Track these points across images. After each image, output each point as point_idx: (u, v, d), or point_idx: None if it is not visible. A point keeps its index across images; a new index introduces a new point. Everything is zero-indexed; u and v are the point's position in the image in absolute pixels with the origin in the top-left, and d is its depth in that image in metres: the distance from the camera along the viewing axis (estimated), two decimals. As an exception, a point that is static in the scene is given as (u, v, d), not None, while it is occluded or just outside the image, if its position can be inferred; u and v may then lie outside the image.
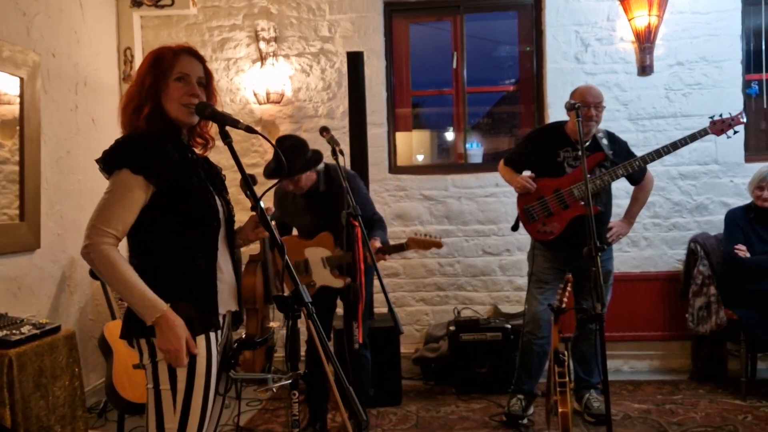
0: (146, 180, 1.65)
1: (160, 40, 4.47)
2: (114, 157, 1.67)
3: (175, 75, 1.72)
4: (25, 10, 3.38)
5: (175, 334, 1.60)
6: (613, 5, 4.33)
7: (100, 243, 1.61)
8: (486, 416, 3.56)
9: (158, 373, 1.66)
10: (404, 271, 4.52)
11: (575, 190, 3.26)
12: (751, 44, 4.39)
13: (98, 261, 1.61)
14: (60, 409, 2.80)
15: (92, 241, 1.61)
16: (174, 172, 1.68)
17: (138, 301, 1.61)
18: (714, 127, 3.27)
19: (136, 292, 1.61)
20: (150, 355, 1.67)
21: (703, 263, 3.96)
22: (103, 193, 1.66)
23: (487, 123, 4.91)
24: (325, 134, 2.82)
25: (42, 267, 3.47)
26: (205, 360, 1.68)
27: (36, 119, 3.37)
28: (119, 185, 1.65)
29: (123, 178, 1.65)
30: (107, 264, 1.61)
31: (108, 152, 1.69)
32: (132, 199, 1.65)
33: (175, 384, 1.65)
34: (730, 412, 3.47)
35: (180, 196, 1.69)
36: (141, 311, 1.61)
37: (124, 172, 1.65)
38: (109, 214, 1.63)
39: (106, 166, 1.69)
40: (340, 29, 4.49)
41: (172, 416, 1.66)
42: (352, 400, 1.55)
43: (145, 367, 1.69)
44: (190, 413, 1.66)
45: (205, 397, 1.69)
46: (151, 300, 1.61)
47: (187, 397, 1.66)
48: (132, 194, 1.64)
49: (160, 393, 1.66)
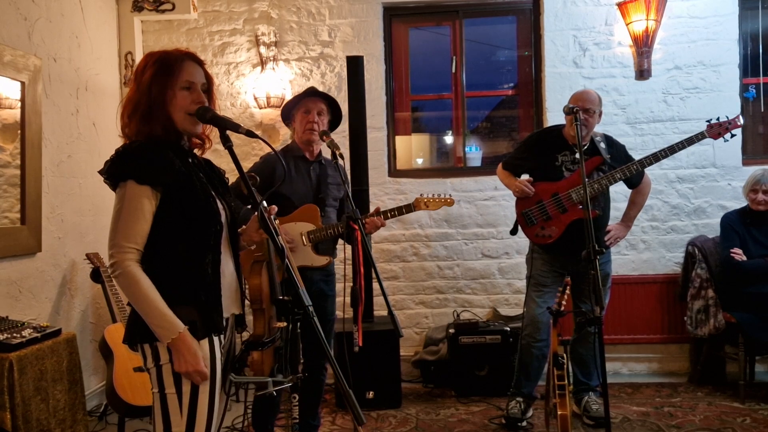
0: (152, 189, 1.67)
1: (161, 44, 4.49)
2: (117, 168, 1.68)
3: (181, 84, 1.74)
4: (27, 14, 3.39)
5: (192, 354, 1.64)
6: (611, 10, 4.35)
7: (125, 260, 1.64)
8: (485, 419, 3.57)
9: (163, 377, 1.67)
10: (404, 274, 4.53)
11: (573, 193, 3.27)
12: (749, 48, 4.41)
13: (123, 279, 1.64)
14: (60, 413, 2.81)
15: (117, 259, 1.65)
16: (176, 178, 1.69)
17: (157, 320, 1.63)
18: (711, 131, 3.29)
19: (156, 312, 1.63)
20: (153, 359, 1.68)
21: (701, 266, 3.97)
22: (114, 207, 1.68)
23: (486, 127, 4.92)
24: (325, 138, 2.84)
25: (43, 270, 3.48)
26: (209, 363, 1.69)
27: (37, 123, 3.38)
28: (129, 198, 1.66)
29: (131, 190, 1.66)
30: (131, 282, 1.64)
31: (110, 164, 1.69)
32: (144, 210, 1.67)
33: (180, 387, 1.67)
34: (729, 414, 3.48)
35: (182, 201, 1.70)
36: (158, 330, 1.64)
37: (130, 184, 1.66)
38: (127, 229, 1.65)
39: (110, 178, 1.70)
40: (340, 34, 4.51)
41: (179, 419, 1.67)
42: (351, 403, 1.56)
43: (149, 372, 1.70)
44: (197, 416, 1.68)
45: (210, 400, 1.70)
46: (170, 321, 1.64)
47: (193, 401, 1.67)
48: (142, 205, 1.66)
49: (166, 397, 1.67)
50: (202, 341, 1.69)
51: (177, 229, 1.69)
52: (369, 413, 3.66)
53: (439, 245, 4.51)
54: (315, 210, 2.91)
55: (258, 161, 3.03)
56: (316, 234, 2.87)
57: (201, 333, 1.69)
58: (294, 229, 2.86)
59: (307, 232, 2.88)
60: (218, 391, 1.73)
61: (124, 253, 1.64)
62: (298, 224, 2.86)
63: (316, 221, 2.90)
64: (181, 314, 1.66)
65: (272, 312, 2.02)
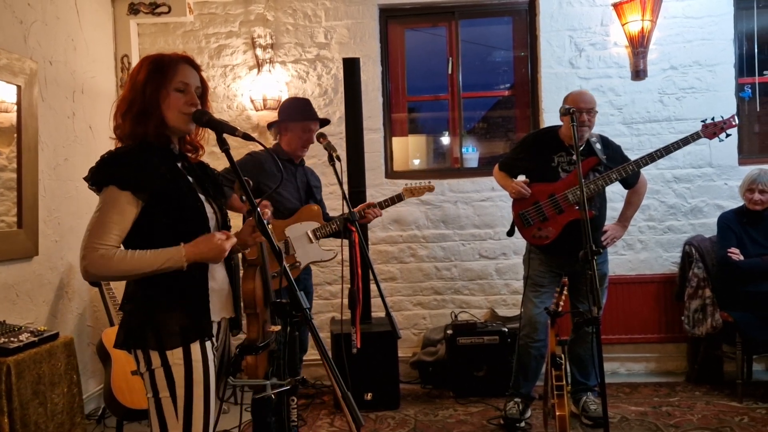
0: (134, 195, 1.65)
1: (157, 47, 4.49)
2: (100, 174, 1.68)
3: (175, 85, 1.73)
4: (22, 18, 3.39)
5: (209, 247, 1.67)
6: (607, 10, 4.36)
7: (92, 253, 1.62)
8: (484, 420, 3.57)
9: (156, 381, 1.67)
10: (401, 275, 4.53)
11: (570, 194, 3.28)
12: (744, 48, 4.43)
13: (98, 268, 1.62)
14: (58, 416, 2.80)
15: (88, 260, 1.62)
16: (161, 184, 1.68)
17: (159, 266, 1.63)
18: (706, 131, 3.30)
19: (152, 262, 1.63)
20: (146, 365, 1.67)
21: (698, 266, 3.98)
22: (93, 213, 1.67)
23: (483, 127, 4.93)
24: (322, 140, 2.85)
25: (40, 274, 3.48)
26: (201, 366, 1.69)
27: (33, 127, 3.38)
28: (107, 202, 1.65)
29: (110, 194, 1.65)
30: (106, 264, 1.62)
31: (94, 170, 1.69)
32: (122, 211, 1.65)
33: (174, 391, 1.66)
34: (727, 414, 3.49)
35: (169, 206, 1.69)
36: (169, 267, 1.64)
37: (111, 189, 1.65)
38: (101, 230, 1.63)
39: (93, 184, 1.70)
40: (336, 35, 4.52)
41: (176, 422, 1.67)
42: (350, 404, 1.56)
43: (143, 376, 1.69)
44: (193, 419, 1.67)
45: (206, 402, 1.70)
46: (167, 256, 1.64)
47: (188, 404, 1.67)
48: (121, 208, 1.65)
49: (161, 401, 1.67)
50: (193, 345, 1.68)
51: (162, 235, 1.68)
52: (367, 415, 3.66)
53: (437, 246, 4.52)
54: (317, 209, 3.14)
55: (245, 156, 3.13)
56: (322, 231, 3.11)
57: (192, 337, 1.69)
58: (300, 228, 3.09)
59: (313, 230, 3.11)
60: (213, 394, 1.73)
61: (95, 251, 1.61)
62: (303, 224, 3.10)
63: (319, 219, 3.13)
64: (170, 320, 1.66)
65: (266, 316, 2.02)
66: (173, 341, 1.66)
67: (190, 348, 1.68)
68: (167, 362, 1.66)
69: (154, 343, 1.66)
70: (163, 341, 1.66)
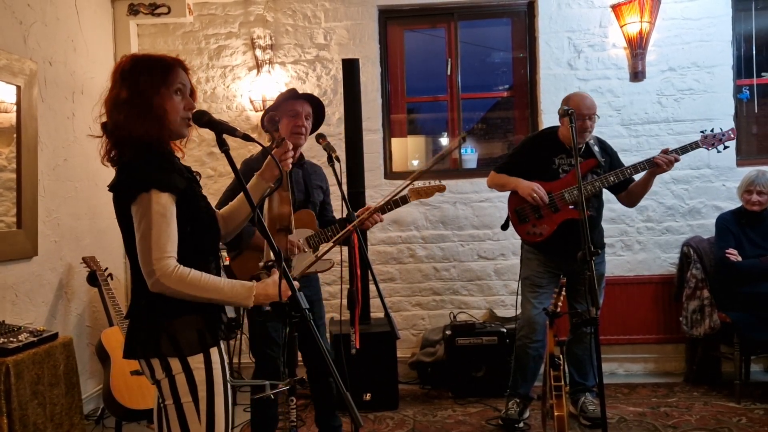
0: (171, 195, 1.63)
1: (157, 47, 4.50)
2: (133, 180, 1.63)
3: (175, 87, 1.72)
4: (22, 18, 3.39)
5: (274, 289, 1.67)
6: (605, 12, 4.38)
7: (166, 269, 1.58)
8: (483, 420, 3.58)
9: (177, 387, 1.64)
10: (400, 276, 4.54)
11: (566, 194, 3.29)
12: (742, 49, 4.44)
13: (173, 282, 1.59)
14: (57, 417, 2.81)
15: (161, 273, 1.58)
16: (186, 184, 1.69)
17: (229, 299, 1.65)
18: (705, 141, 3.34)
19: (221, 292, 1.64)
20: (164, 371, 1.64)
21: (696, 266, 3.99)
22: (138, 222, 1.61)
23: (482, 129, 4.94)
24: (321, 141, 2.82)
25: (39, 274, 3.48)
26: (219, 367, 1.69)
27: (33, 127, 3.38)
28: (155, 208, 1.60)
29: (154, 199, 1.60)
30: (182, 282, 1.59)
31: (127, 178, 1.65)
32: (171, 216, 1.62)
33: (197, 394, 1.65)
34: (725, 414, 3.50)
35: (189, 207, 1.69)
36: (239, 304, 1.66)
37: (153, 194, 1.60)
38: (161, 241, 1.59)
39: (129, 190, 1.63)
40: (336, 36, 4.52)
41: (198, 426, 1.65)
42: (349, 405, 1.57)
43: (160, 383, 1.66)
44: (216, 420, 1.67)
45: (226, 402, 1.70)
46: (239, 291, 1.65)
47: (210, 405, 1.66)
48: (169, 212, 1.62)
49: (182, 406, 1.65)
50: (212, 349, 1.68)
51: (183, 235, 1.66)
52: (366, 415, 3.67)
53: (436, 247, 4.52)
54: (311, 215, 2.86)
55: (240, 166, 2.89)
56: (315, 239, 2.83)
57: (210, 342, 1.68)
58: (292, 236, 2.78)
59: (306, 238, 2.83)
60: (230, 394, 1.73)
61: (167, 265, 1.58)
62: (295, 230, 2.76)
63: (313, 226, 2.85)
64: (186, 325, 1.64)
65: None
66: (193, 347, 1.65)
67: (209, 351, 1.67)
68: (189, 367, 1.64)
69: (172, 349, 1.63)
70: (182, 347, 1.64)
